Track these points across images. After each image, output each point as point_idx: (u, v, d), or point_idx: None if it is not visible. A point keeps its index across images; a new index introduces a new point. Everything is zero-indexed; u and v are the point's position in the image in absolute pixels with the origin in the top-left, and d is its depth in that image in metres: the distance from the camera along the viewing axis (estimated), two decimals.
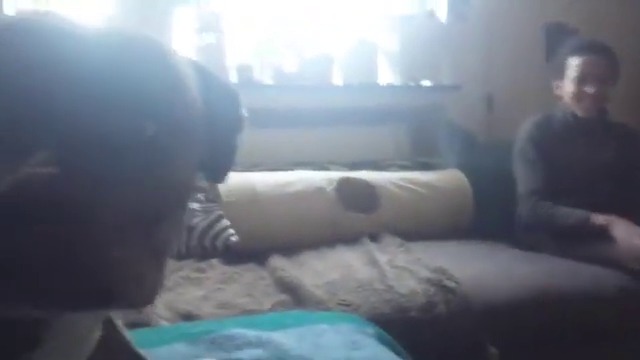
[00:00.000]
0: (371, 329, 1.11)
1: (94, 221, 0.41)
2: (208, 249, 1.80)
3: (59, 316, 0.48)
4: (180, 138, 0.47)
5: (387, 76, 2.57)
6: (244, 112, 0.61)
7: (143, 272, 0.45)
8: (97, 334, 0.59)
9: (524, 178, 2.05)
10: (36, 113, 0.42)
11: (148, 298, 0.46)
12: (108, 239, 0.42)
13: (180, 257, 1.75)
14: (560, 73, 2.08)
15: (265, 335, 1.00)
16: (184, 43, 2.30)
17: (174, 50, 0.51)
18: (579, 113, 2.06)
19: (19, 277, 0.39)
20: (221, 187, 1.90)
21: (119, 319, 0.68)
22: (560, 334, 1.39)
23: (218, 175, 0.61)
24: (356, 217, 1.96)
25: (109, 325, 0.63)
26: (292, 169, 2.09)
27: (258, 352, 0.95)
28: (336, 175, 2.04)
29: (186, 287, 1.52)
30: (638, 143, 2.15)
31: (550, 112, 2.15)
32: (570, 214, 1.90)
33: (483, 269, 1.73)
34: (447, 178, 2.20)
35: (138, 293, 0.45)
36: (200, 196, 1.91)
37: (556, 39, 2.65)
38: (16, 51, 0.43)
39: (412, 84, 2.51)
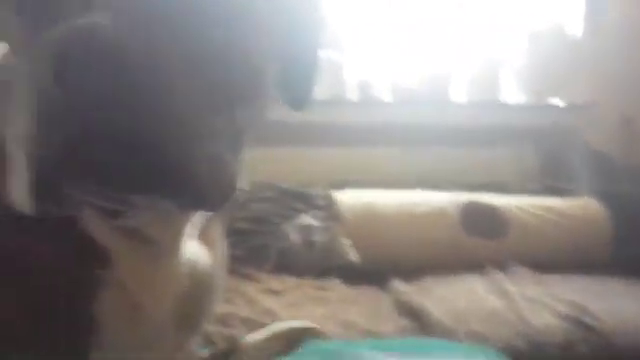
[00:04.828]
0: None
1: (176, 103, 0.39)
2: (327, 267, 1.79)
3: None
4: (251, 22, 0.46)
5: (513, 94, 2.44)
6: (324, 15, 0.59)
7: (227, 166, 0.42)
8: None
9: None
10: None
11: (227, 195, 0.43)
12: (193, 125, 0.40)
13: (299, 273, 1.76)
14: None
15: None
16: None
17: None
18: None
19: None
20: (341, 205, 1.89)
21: None
22: None
23: (298, 93, 0.57)
24: (480, 243, 1.87)
25: None
26: (412, 188, 2.04)
27: None
28: (460, 197, 1.96)
29: (307, 305, 1.52)
30: None
31: None
32: None
33: (625, 307, 1.58)
34: (581, 206, 2.04)
35: (218, 190, 0.42)
36: (319, 212, 1.92)
37: None
38: None
39: (540, 103, 2.36)
